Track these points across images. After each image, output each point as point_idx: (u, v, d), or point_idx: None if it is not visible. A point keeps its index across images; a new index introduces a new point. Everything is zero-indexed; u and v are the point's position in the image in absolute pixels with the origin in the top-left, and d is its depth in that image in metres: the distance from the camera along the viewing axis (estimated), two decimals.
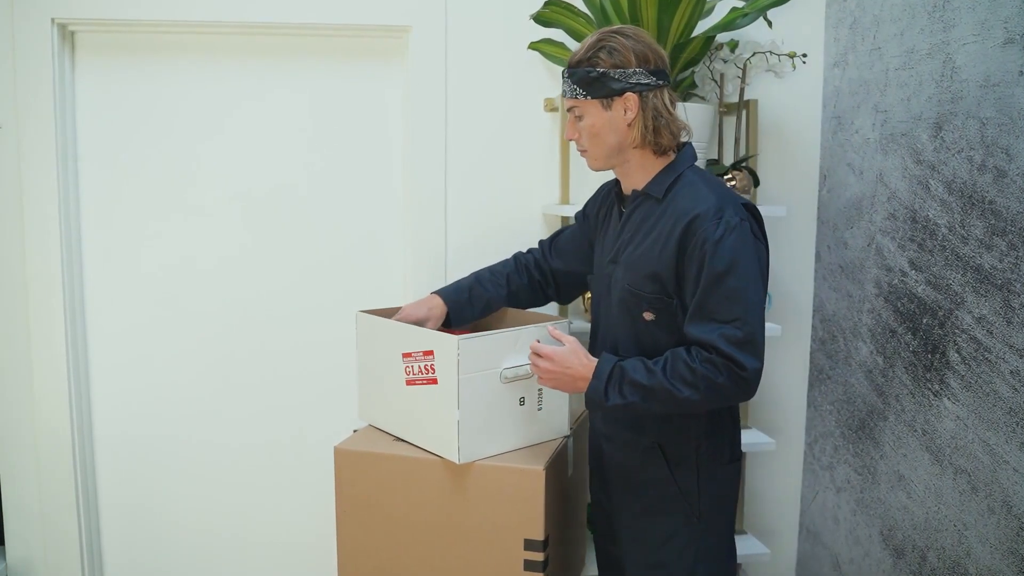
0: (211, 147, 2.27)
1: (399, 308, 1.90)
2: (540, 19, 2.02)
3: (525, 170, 2.26)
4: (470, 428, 1.64)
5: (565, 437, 1.80)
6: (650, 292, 1.55)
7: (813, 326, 2.38)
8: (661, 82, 1.54)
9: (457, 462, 1.64)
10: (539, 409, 1.74)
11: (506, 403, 1.69)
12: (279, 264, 2.32)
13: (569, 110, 1.59)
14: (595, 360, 1.55)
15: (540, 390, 1.72)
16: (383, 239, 2.34)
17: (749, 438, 2.20)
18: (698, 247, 1.46)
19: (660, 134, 1.54)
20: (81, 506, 2.25)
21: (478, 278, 1.91)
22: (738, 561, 2.27)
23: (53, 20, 2.08)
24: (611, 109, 1.54)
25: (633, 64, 1.52)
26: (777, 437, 2.39)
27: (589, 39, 1.55)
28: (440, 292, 1.89)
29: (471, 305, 1.88)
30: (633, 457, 1.66)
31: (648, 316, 1.56)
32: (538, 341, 1.64)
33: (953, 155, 1.75)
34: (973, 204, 1.68)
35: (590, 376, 1.53)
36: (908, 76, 1.91)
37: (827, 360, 2.30)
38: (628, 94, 1.52)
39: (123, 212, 2.26)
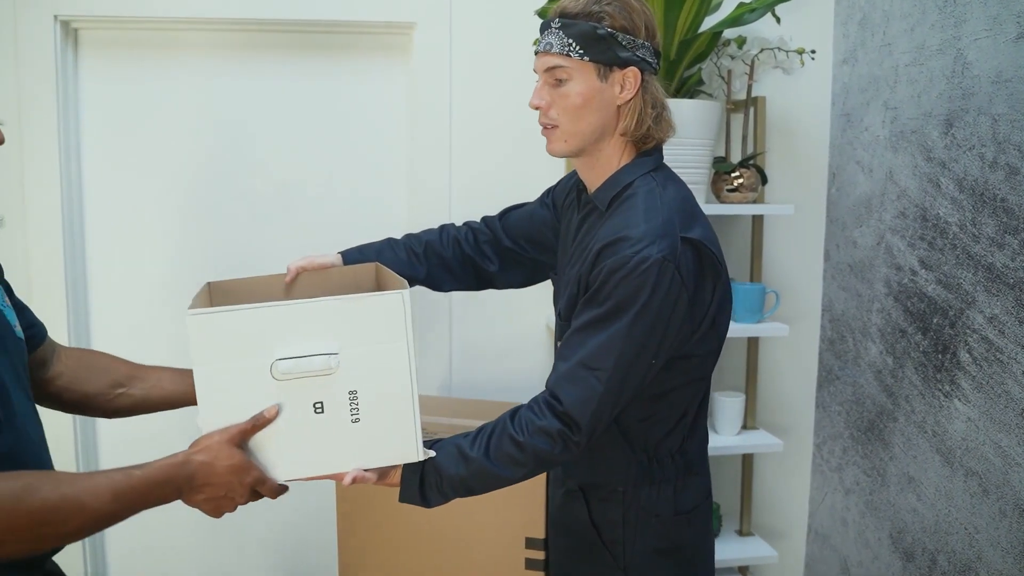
0: (215, 144, 2.26)
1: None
2: (544, 15, 2.00)
3: (529, 168, 2.24)
4: None
5: None
6: (570, 315, 1.31)
7: (822, 326, 2.36)
8: (657, 68, 1.30)
9: None
10: (354, 421, 1.20)
11: (289, 410, 1.19)
12: (283, 261, 2.31)
13: (548, 70, 1.27)
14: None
15: (354, 392, 1.19)
16: (387, 236, 2.33)
17: (756, 439, 2.17)
18: (599, 275, 1.21)
19: (655, 128, 1.30)
20: None
21: (391, 242, 1.61)
22: (746, 564, 2.25)
23: (56, 17, 2.07)
24: (606, 81, 1.25)
25: (642, 35, 1.26)
26: (785, 438, 2.37)
27: None
28: (344, 251, 1.59)
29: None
30: (558, 494, 1.48)
31: None
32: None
33: (964, 152, 1.72)
34: (984, 202, 1.66)
35: (397, 486, 1.29)
36: (918, 72, 1.88)
37: (836, 360, 2.28)
38: (631, 69, 1.25)
39: (127, 209, 2.25)
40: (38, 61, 2.08)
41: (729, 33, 2.11)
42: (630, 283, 1.18)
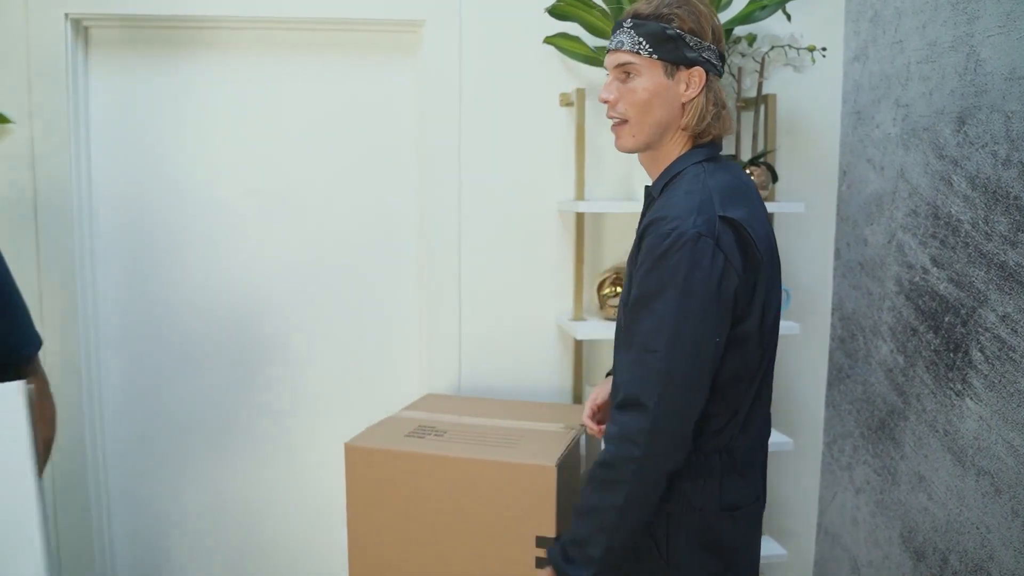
0: (225, 142, 2.26)
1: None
2: (555, 12, 2.00)
3: (540, 165, 2.24)
4: None
5: (581, 426, 1.78)
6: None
7: (832, 324, 2.35)
8: (721, 71, 1.38)
9: None
10: None
11: None
12: (291, 259, 2.32)
13: (619, 66, 1.35)
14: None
15: None
16: (397, 235, 2.33)
17: None
18: (643, 256, 1.28)
19: (714, 126, 1.36)
20: (93, 503, 2.25)
21: None
22: None
23: (67, 15, 2.07)
24: (672, 79, 1.33)
25: (709, 38, 1.34)
26: (795, 437, 2.36)
27: None
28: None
29: None
30: None
31: None
32: None
33: (977, 150, 1.71)
34: (997, 200, 1.65)
35: None
36: (930, 69, 1.87)
37: (846, 359, 2.27)
38: (697, 68, 1.33)
39: (135, 206, 2.26)
40: (49, 59, 2.08)
41: (740, 30, 2.11)
42: (668, 260, 1.23)
